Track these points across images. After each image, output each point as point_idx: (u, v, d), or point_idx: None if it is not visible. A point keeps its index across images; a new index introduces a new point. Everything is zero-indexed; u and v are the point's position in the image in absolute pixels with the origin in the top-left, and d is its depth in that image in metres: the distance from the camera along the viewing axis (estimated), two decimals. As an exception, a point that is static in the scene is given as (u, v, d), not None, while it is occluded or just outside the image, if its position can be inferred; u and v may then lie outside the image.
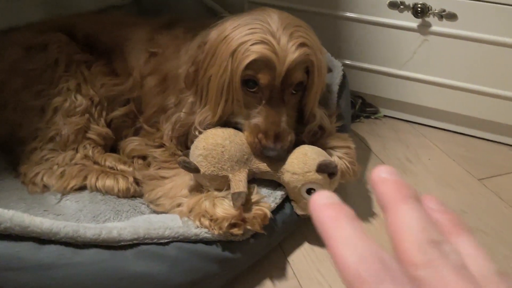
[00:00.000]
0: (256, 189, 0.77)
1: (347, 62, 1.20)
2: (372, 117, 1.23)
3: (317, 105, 0.82)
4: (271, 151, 0.74)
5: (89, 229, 0.58)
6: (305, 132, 0.81)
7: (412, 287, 0.20)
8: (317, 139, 0.83)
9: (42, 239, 0.54)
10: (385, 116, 1.25)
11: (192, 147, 0.76)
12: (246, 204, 0.72)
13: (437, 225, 0.23)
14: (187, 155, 0.77)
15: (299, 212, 0.79)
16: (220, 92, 0.75)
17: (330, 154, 0.81)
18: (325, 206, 0.24)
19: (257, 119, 0.75)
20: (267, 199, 0.77)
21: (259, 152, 0.76)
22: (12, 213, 0.52)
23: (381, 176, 0.25)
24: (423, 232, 0.22)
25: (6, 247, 0.51)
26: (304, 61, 0.74)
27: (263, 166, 0.77)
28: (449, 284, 0.20)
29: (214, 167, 0.73)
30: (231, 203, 0.71)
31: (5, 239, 0.52)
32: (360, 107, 1.22)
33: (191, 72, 0.80)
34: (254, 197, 0.75)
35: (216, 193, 0.74)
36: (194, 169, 0.73)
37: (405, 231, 0.22)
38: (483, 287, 0.21)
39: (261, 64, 0.72)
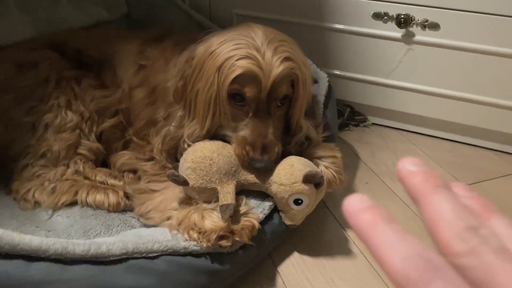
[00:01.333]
0: (244, 200, 0.79)
1: (335, 72, 1.22)
2: (361, 125, 1.25)
3: (303, 117, 0.84)
4: (259, 163, 0.76)
5: (78, 245, 0.59)
6: (292, 143, 0.83)
7: (461, 278, 0.20)
8: (304, 149, 0.85)
9: (31, 256, 0.56)
10: (373, 124, 1.27)
11: (181, 160, 0.78)
12: (234, 215, 0.74)
13: (470, 210, 0.23)
14: (176, 168, 0.78)
15: (287, 222, 0.81)
16: (208, 105, 0.77)
17: (317, 164, 0.83)
18: (360, 211, 0.23)
19: (244, 131, 0.77)
20: (256, 210, 0.78)
21: (247, 164, 0.77)
22: (2, 232, 0.53)
23: (407, 169, 0.25)
24: (459, 220, 0.22)
25: (-4, 265, 0.53)
26: (289, 75, 0.76)
27: (251, 178, 0.79)
28: (495, 269, 0.20)
29: (202, 179, 0.74)
30: (219, 215, 0.72)
31: (-5, 257, 0.53)
32: (349, 116, 1.24)
33: (180, 87, 0.81)
34: (243, 209, 0.76)
35: (205, 205, 0.75)
36: (183, 182, 0.74)
37: (441, 222, 0.22)
38: None
39: (247, 78, 0.73)
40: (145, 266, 0.64)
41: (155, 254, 0.66)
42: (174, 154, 0.85)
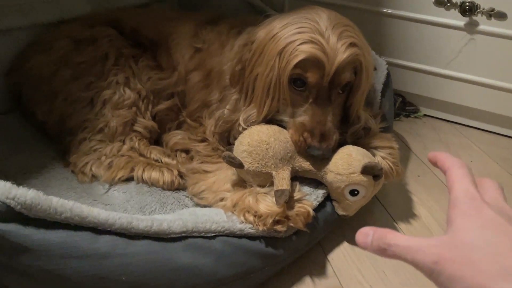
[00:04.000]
0: (298, 186, 0.78)
1: (389, 59, 1.18)
2: (412, 116, 1.22)
3: (363, 106, 0.82)
4: (316, 150, 0.75)
5: (142, 220, 0.60)
6: (349, 133, 0.81)
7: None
8: (360, 138, 0.83)
9: (98, 229, 0.57)
10: (425, 115, 1.23)
11: (237, 143, 0.77)
12: (288, 201, 0.73)
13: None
14: (230, 150, 0.78)
15: (340, 212, 0.79)
16: (267, 90, 0.76)
17: (374, 154, 0.81)
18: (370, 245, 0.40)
19: (303, 117, 0.76)
20: (309, 197, 0.77)
21: (304, 150, 0.76)
22: (72, 204, 0.55)
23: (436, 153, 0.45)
24: (471, 183, 0.39)
25: (66, 236, 0.54)
26: (353, 62, 0.73)
27: (306, 165, 0.77)
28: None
29: (258, 163, 0.74)
30: (273, 199, 0.71)
31: (64, 228, 0.54)
32: (400, 106, 1.20)
33: (237, 71, 0.80)
34: (297, 195, 0.75)
35: (259, 189, 0.75)
36: (239, 165, 0.74)
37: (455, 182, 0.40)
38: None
39: (310, 63, 0.72)
40: (203, 245, 0.65)
41: (212, 234, 0.66)
42: (226, 137, 0.85)
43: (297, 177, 0.80)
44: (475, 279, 0.32)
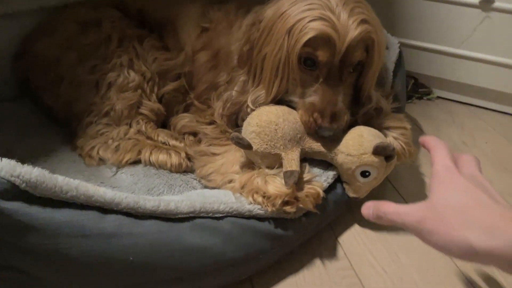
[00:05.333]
0: (308, 167, 0.76)
1: (400, 40, 1.14)
2: (425, 98, 1.19)
3: (374, 86, 0.79)
4: (327, 131, 0.73)
5: (149, 200, 0.59)
6: (360, 113, 0.79)
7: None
8: (372, 119, 0.81)
9: (105, 208, 0.56)
10: (438, 97, 1.20)
11: (245, 124, 0.76)
12: (298, 182, 0.71)
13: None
14: (239, 131, 0.76)
15: (351, 194, 0.78)
16: (275, 70, 0.74)
17: (385, 135, 0.79)
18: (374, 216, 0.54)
19: (313, 97, 0.74)
20: (319, 179, 0.76)
21: (314, 131, 0.74)
22: (78, 182, 0.54)
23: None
24: (449, 159, 0.50)
25: (72, 215, 0.53)
26: (364, 39, 0.71)
27: (316, 146, 0.76)
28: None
29: (266, 144, 0.72)
30: (282, 181, 0.70)
31: (70, 207, 0.53)
32: (412, 88, 1.17)
33: (245, 51, 0.78)
34: (306, 176, 0.74)
35: (267, 170, 0.73)
36: (247, 146, 0.72)
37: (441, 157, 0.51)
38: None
39: (320, 41, 0.69)
40: (211, 226, 0.64)
41: (220, 215, 0.65)
42: (235, 119, 0.83)
43: (306, 159, 0.78)
44: (446, 231, 0.44)
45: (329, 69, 0.72)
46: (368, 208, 0.53)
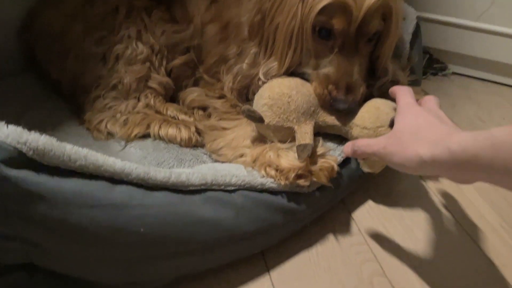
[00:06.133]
0: (321, 141, 0.74)
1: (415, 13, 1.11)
2: (440, 74, 1.15)
3: (391, 58, 0.77)
4: (342, 104, 0.70)
5: (160, 172, 0.57)
6: (376, 86, 0.76)
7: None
8: (388, 92, 0.78)
9: (114, 179, 0.54)
10: (453, 73, 1.17)
11: (256, 97, 0.73)
12: (311, 156, 0.69)
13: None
14: (250, 104, 0.74)
15: (366, 169, 0.75)
16: (289, 41, 0.71)
17: None
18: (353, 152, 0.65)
19: (328, 69, 0.71)
20: (333, 153, 0.73)
21: (328, 104, 0.72)
22: (87, 151, 0.52)
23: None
24: (411, 98, 0.61)
25: (81, 184, 0.51)
26: (382, 7, 0.67)
27: (330, 120, 0.73)
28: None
29: (279, 117, 0.70)
30: (295, 155, 0.68)
31: (79, 177, 0.52)
32: (427, 63, 1.14)
33: (256, 22, 0.75)
34: (320, 150, 0.72)
35: (279, 144, 0.71)
36: (259, 119, 0.70)
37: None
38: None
39: (336, 8, 0.66)
40: (223, 199, 0.62)
41: (232, 188, 0.63)
42: (245, 93, 0.81)
43: (320, 133, 0.76)
44: (403, 150, 0.52)
45: (345, 39, 0.69)
46: (348, 147, 0.66)
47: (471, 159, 0.43)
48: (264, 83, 0.75)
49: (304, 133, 0.70)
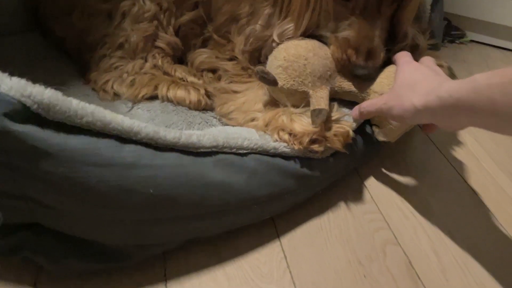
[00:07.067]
0: (336, 106, 0.71)
1: (435, -24, 1.06)
2: (457, 41, 1.11)
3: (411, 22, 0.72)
4: (361, 69, 0.67)
5: (169, 132, 0.55)
6: (395, 50, 0.72)
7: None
8: None
9: (123, 138, 0.52)
10: (471, 41, 1.12)
11: (271, 58, 0.70)
12: (326, 121, 0.67)
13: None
14: (263, 66, 0.71)
15: (381, 138, 0.73)
16: (306, 1, 0.67)
17: None
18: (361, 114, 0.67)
19: (348, 32, 0.67)
20: (348, 118, 0.71)
21: (346, 69, 0.68)
22: (94, 107, 0.49)
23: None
24: (410, 57, 0.65)
25: (88, 142, 0.49)
26: None
27: (347, 85, 0.70)
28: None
29: (294, 80, 0.66)
30: (309, 120, 0.65)
31: (86, 134, 0.49)
32: (445, 30, 1.09)
33: None
34: (335, 115, 0.69)
35: (292, 109, 0.68)
36: (273, 81, 0.67)
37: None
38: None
39: None
40: (235, 162, 0.60)
41: (244, 151, 0.61)
42: (257, 56, 0.77)
43: (335, 99, 0.73)
44: (401, 102, 0.56)
45: (367, 0, 0.65)
46: (355, 110, 0.68)
47: (456, 102, 0.47)
48: (278, 45, 0.71)
49: (320, 98, 0.67)
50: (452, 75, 1.00)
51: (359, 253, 0.64)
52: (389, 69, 0.69)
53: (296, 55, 0.67)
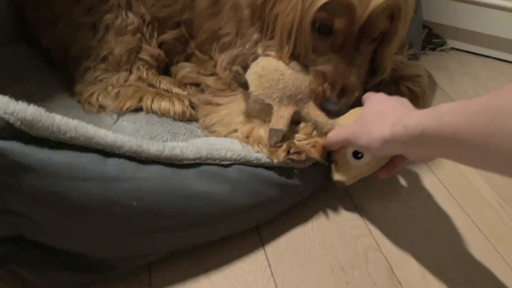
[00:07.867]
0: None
1: (415, -14, 1.08)
2: (438, 49, 1.14)
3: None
4: (334, 105, 0.67)
5: (153, 145, 0.56)
6: (371, 84, 0.72)
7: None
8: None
9: (106, 151, 0.53)
10: (452, 48, 1.15)
11: (253, 64, 0.70)
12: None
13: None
14: (245, 70, 0.71)
15: (336, 177, 0.68)
16: (287, 33, 0.66)
17: (399, 85, 0.74)
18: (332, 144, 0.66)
19: (325, 67, 0.66)
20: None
21: (319, 102, 0.68)
22: (77, 123, 0.50)
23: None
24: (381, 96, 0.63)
25: (71, 156, 0.49)
26: (390, 7, 0.61)
27: (314, 114, 0.69)
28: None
29: (263, 90, 0.67)
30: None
31: (70, 149, 0.50)
32: (426, 38, 1.12)
33: (259, 5, 0.70)
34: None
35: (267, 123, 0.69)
36: (243, 84, 0.67)
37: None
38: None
39: (338, 6, 0.60)
40: (218, 173, 0.61)
41: (227, 162, 0.62)
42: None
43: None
44: (369, 131, 0.56)
45: (346, 38, 0.64)
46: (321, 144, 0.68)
47: (422, 132, 0.46)
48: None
49: (280, 118, 0.67)
50: (433, 83, 1.03)
51: (342, 259, 0.65)
52: (358, 108, 0.67)
53: (274, 68, 0.68)
